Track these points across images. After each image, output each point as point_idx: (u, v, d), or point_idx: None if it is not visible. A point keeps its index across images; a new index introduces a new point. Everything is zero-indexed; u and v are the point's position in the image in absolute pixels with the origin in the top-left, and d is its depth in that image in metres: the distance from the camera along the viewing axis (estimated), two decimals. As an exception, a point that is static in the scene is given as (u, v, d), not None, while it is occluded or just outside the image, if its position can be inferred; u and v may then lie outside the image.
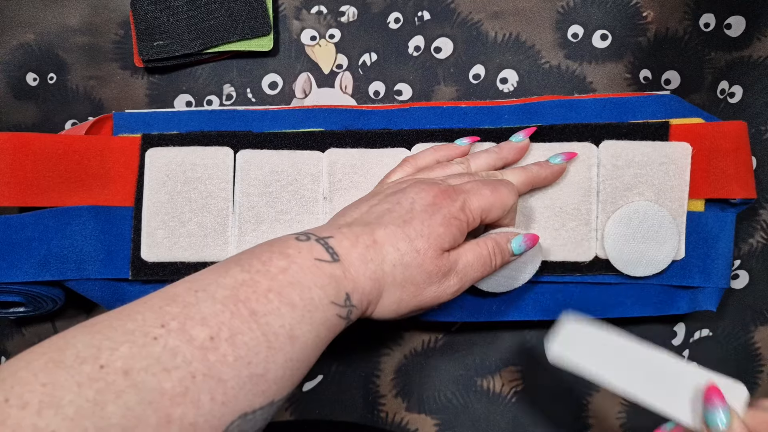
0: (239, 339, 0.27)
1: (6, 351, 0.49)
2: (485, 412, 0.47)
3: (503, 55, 0.48)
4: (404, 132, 0.44)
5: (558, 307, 0.44)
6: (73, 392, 0.23)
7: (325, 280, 0.31)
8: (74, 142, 0.44)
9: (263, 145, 0.44)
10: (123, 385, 0.24)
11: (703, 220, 0.44)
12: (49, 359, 0.24)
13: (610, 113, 0.44)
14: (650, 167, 0.42)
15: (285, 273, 0.30)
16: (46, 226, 0.42)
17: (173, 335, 0.26)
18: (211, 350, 0.26)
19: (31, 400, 0.23)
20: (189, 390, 0.25)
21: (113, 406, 0.23)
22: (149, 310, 0.27)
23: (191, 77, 0.49)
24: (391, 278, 0.33)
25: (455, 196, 0.35)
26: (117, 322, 0.26)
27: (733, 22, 0.47)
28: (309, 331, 0.29)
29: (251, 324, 0.27)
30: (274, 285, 0.29)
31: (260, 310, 0.28)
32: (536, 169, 0.41)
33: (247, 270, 0.29)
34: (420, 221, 0.34)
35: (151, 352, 0.25)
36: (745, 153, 0.43)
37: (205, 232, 0.43)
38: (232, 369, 0.26)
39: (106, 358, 0.24)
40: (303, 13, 0.49)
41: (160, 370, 0.25)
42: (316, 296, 0.30)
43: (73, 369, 0.24)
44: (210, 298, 0.28)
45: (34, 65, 0.49)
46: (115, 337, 0.25)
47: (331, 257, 0.31)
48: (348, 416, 0.48)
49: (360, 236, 0.33)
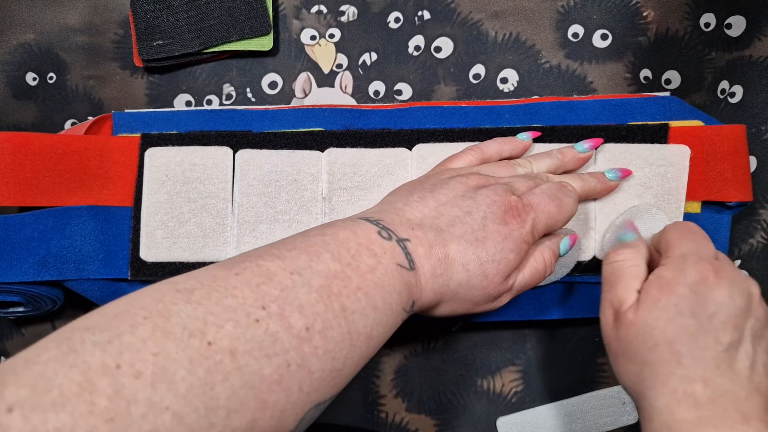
0: (329, 333, 0.27)
1: (6, 351, 0.49)
2: (485, 412, 0.47)
3: (503, 54, 0.48)
4: (404, 132, 0.44)
5: (558, 307, 0.44)
6: (186, 368, 0.23)
7: (402, 287, 0.31)
8: (74, 142, 0.44)
9: (263, 144, 0.44)
10: (230, 367, 0.24)
11: (699, 221, 0.44)
12: (155, 326, 0.24)
13: (609, 114, 0.44)
14: (648, 170, 0.42)
15: (372, 273, 0.30)
16: (46, 226, 0.42)
17: (274, 320, 0.26)
18: (305, 341, 0.27)
19: (144, 371, 0.22)
20: (284, 378, 0.26)
21: (221, 387, 0.24)
22: (247, 286, 0.27)
23: (191, 77, 0.49)
24: (453, 294, 0.34)
25: (525, 216, 0.35)
26: (215, 293, 0.26)
27: (733, 22, 0.47)
28: (381, 334, 0.30)
29: (341, 320, 0.28)
30: (363, 284, 0.29)
31: (349, 307, 0.29)
32: (594, 182, 0.41)
33: (337, 260, 0.30)
34: (493, 243, 0.34)
35: (254, 335, 0.25)
36: (743, 156, 0.43)
37: (204, 232, 0.43)
38: (320, 362, 0.27)
39: (213, 335, 0.24)
40: (303, 13, 0.49)
41: (262, 355, 0.25)
42: (393, 302, 0.31)
43: (182, 342, 0.23)
44: (306, 285, 0.28)
45: (34, 65, 0.49)
46: (218, 312, 0.25)
47: (409, 265, 0.32)
48: (348, 416, 0.48)
49: (434, 246, 0.33)
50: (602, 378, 0.47)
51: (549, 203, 0.36)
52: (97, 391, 0.21)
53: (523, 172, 0.39)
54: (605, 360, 0.47)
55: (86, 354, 0.22)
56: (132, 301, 0.25)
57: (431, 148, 0.43)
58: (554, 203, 0.36)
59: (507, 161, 0.40)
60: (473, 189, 0.36)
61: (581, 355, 0.47)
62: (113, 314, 0.24)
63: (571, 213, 0.37)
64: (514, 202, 0.35)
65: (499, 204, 0.35)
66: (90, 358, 0.22)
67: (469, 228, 0.34)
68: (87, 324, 0.24)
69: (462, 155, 0.40)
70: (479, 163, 0.40)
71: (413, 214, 0.34)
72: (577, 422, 0.45)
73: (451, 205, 0.35)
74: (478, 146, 0.40)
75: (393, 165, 0.43)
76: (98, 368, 0.22)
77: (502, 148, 0.41)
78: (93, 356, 0.22)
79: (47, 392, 0.20)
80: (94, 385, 0.21)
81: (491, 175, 0.38)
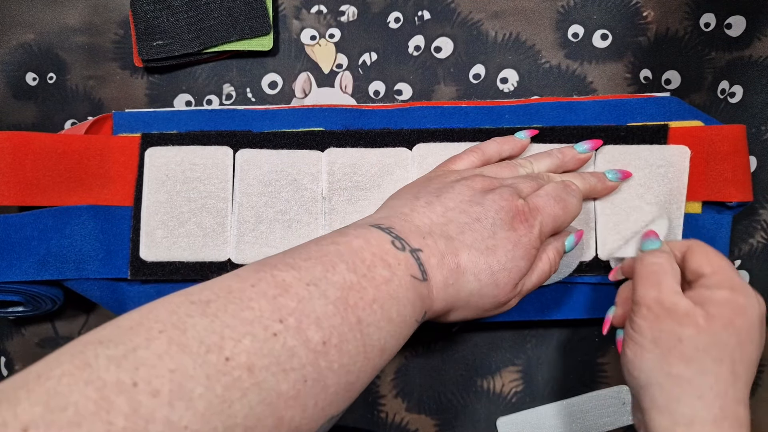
0: (345, 347, 0.27)
1: (6, 351, 0.49)
2: (485, 412, 0.47)
3: (503, 54, 0.48)
4: (404, 132, 0.44)
5: (558, 307, 0.44)
6: (203, 385, 0.22)
7: (416, 299, 0.31)
8: (74, 142, 0.44)
9: (263, 144, 0.44)
10: (248, 383, 0.24)
11: (700, 222, 0.44)
12: (171, 340, 0.23)
13: (609, 115, 0.44)
14: (648, 170, 0.42)
15: (388, 285, 0.30)
16: (46, 226, 0.42)
17: (291, 334, 0.26)
18: (322, 355, 0.26)
19: (162, 389, 0.21)
20: (300, 394, 0.25)
21: (239, 405, 0.23)
22: (263, 298, 0.26)
23: (191, 77, 0.49)
24: (464, 303, 0.34)
25: (532, 221, 0.35)
26: (231, 306, 0.25)
27: (733, 22, 0.47)
28: (394, 346, 0.30)
29: (356, 333, 0.28)
30: (378, 296, 0.29)
31: (365, 319, 0.28)
32: (594, 181, 0.41)
33: (353, 271, 0.29)
34: (504, 252, 0.34)
35: (272, 350, 0.25)
36: (743, 156, 0.43)
37: (204, 231, 0.43)
38: (336, 376, 0.27)
39: (231, 350, 0.24)
40: (303, 13, 0.49)
41: (280, 371, 0.25)
42: (408, 314, 0.30)
43: (199, 357, 0.23)
44: (322, 296, 0.27)
45: (34, 65, 0.49)
46: (235, 326, 0.25)
47: (422, 276, 0.32)
48: (348, 416, 0.47)
49: (445, 256, 0.33)
50: (602, 378, 0.47)
51: (555, 205, 0.36)
52: (114, 409, 0.20)
53: (524, 172, 0.40)
54: (605, 360, 0.47)
55: (101, 369, 0.21)
56: (146, 313, 0.24)
57: (431, 148, 0.43)
58: (559, 205, 0.36)
59: (508, 162, 0.40)
60: (479, 193, 0.36)
61: (581, 355, 0.47)
62: (127, 327, 0.23)
63: (576, 213, 0.38)
64: (521, 206, 0.35)
65: (507, 210, 0.35)
66: (105, 374, 0.21)
67: (479, 236, 0.34)
68: (100, 337, 0.23)
69: (463, 156, 0.40)
70: (481, 164, 0.40)
71: (421, 220, 0.34)
72: (577, 422, 0.45)
73: (459, 211, 0.34)
74: (479, 147, 0.40)
75: (393, 165, 0.43)
76: (114, 385, 0.21)
77: (502, 148, 0.41)
78: (108, 372, 0.21)
79: (62, 411, 0.20)
80: (111, 403, 0.20)
81: (495, 176, 0.38)
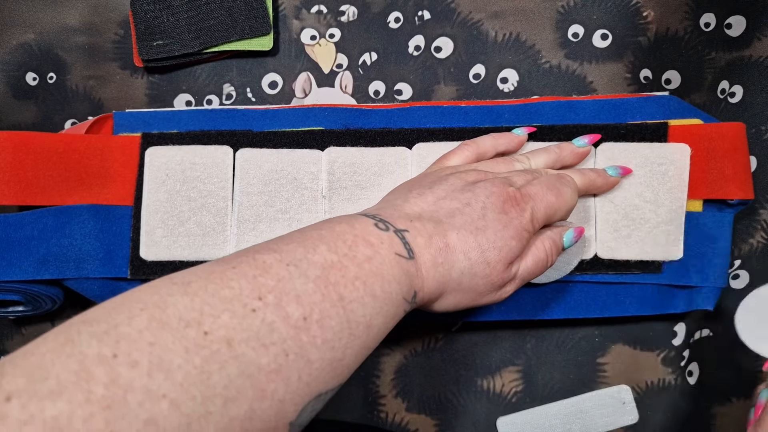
0: (327, 323, 0.28)
1: (6, 351, 0.48)
2: (485, 412, 0.47)
3: (503, 54, 0.48)
4: (404, 131, 0.44)
5: (558, 307, 0.44)
6: (182, 357, 0.23)
7: (402, 276, 0.31)
8: (74, 141, 0.44)
9: (263, 144, 0.44)
10: (226, 356, 0.24)
11: (701, 220, 0.44)
12: (152, 317, 0.24)
13: (609, 114, 0.44)
14: (649, 168, 0.42)
15: (370, 262, 0.30)
16: (46, 225, 0.42)
17: (270, 310, 0.26)
18: (303, 330, 0.27)
19: (141, 360, 0.22)
20: (282, 367, 0.26)
21: (217, 377, 0.24)
22: (243, 278, 0.27)
23: (191, 77, 0.49)
24: (456, 284, 0.34)
25: (524, 205, 0.35)
26: (211, 285, 0.26)
27: (733, 22, 0.47)
28: (382, 323, 0.30)
29: (338, 309, 0.28)
30: (360, 273, 0.30)
31: (347, 296, 0.29)
32: (594, 176, 0.41)
33: (334, 251, 0.30)
34: (493, 231, 0.34)
35: (251, 325, 0.25)
36: (743, 154, 0.43)
37: (204, 231, 0.43)
38: (319, 351, 0.27)
39: (209, 325, 0.24)
40: (303, 13, 0.49)
41: (259, 345, 0.25)
42: (393, 291, 0.31)
43: (178, 332, 0.24)
44: (302, 276, 0.28)
45: (34, 65, 0.49)
46: (214, 303, 0.25)
47: (407, 254, 0.32)
48: (348, 416, 0.47)
49: (433, 236, 0.33)
50: (602, 378, 0.47)
51: (547, 192, 0.36)
52: (94, 379, 0.21)
53: (521, 167, 0.40)
54: (605, 360, 0.47)
55: (83, 344, 0.22)
56: (129, 295, 0.25)
57: (431, 147, 0.43)
58: (552, 192, 0.36)
59: (504, 158, 0.41)
60: (471, 183, 0.36)
61: (581, 355, 0.47)
62: (110, 307, 0.24)
63: (570, 202, 0.37)
64: (513, 192, 0.35)
65: (498, 194, 0.35)
66: (86, 349, 0.22)
67: (469, 218, 0.34)
68: (84, 318, 0.24)
69: (457, 151, 0.40)
70: (475, 159, 0.40)
71: (411, 209, 0.35)
72: (576, 422, 0.45)
73: (450, 199, 0.35)
74: (473, 141, 0.41)
75: (393, 164, 0.43)
76: (94, 358, 0.22)
77: (497, 143, 0.41)
78: (89, 347, 0.22)
79: (44, 381, 0.21)
80: (91, 373, 0.21)
81: (489, 171, 0.38)
